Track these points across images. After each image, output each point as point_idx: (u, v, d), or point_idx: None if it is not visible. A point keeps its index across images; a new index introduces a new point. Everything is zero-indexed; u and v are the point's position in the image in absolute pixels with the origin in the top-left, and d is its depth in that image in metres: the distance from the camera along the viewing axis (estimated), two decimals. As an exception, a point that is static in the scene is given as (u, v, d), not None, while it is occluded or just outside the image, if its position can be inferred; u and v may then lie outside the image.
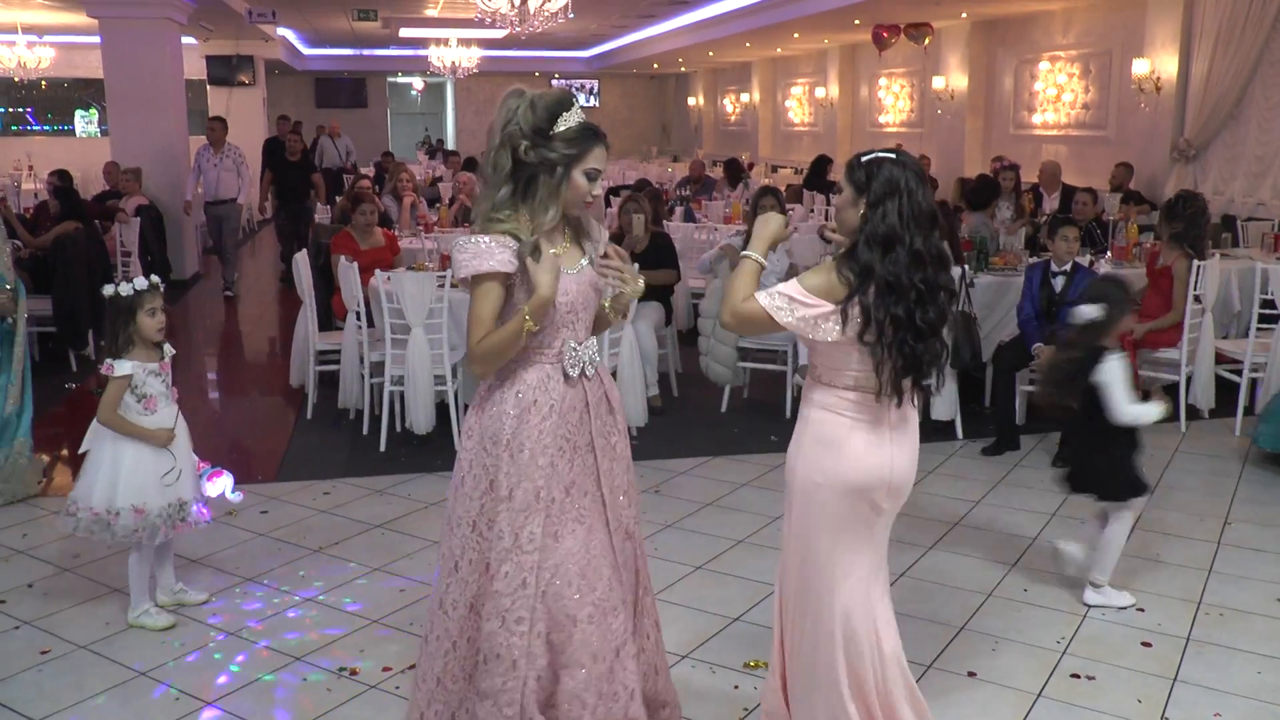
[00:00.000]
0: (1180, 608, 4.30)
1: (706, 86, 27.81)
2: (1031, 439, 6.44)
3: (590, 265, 3.02)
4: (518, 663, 2.87)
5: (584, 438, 3.00)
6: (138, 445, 4.02)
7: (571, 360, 2.96)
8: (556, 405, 2.93)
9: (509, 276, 2.86)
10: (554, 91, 2.94)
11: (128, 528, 3.98)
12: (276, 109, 24.63)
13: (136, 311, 3.99)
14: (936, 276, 2.81)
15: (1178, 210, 6.72)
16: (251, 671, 3.80)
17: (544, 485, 2.91)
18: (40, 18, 15.93)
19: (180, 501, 4.08)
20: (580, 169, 2.88)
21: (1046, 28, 14.08)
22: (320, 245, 7.97)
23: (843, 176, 2.89)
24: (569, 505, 2.96)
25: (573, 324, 2.96)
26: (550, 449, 2.93)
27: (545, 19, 12.49)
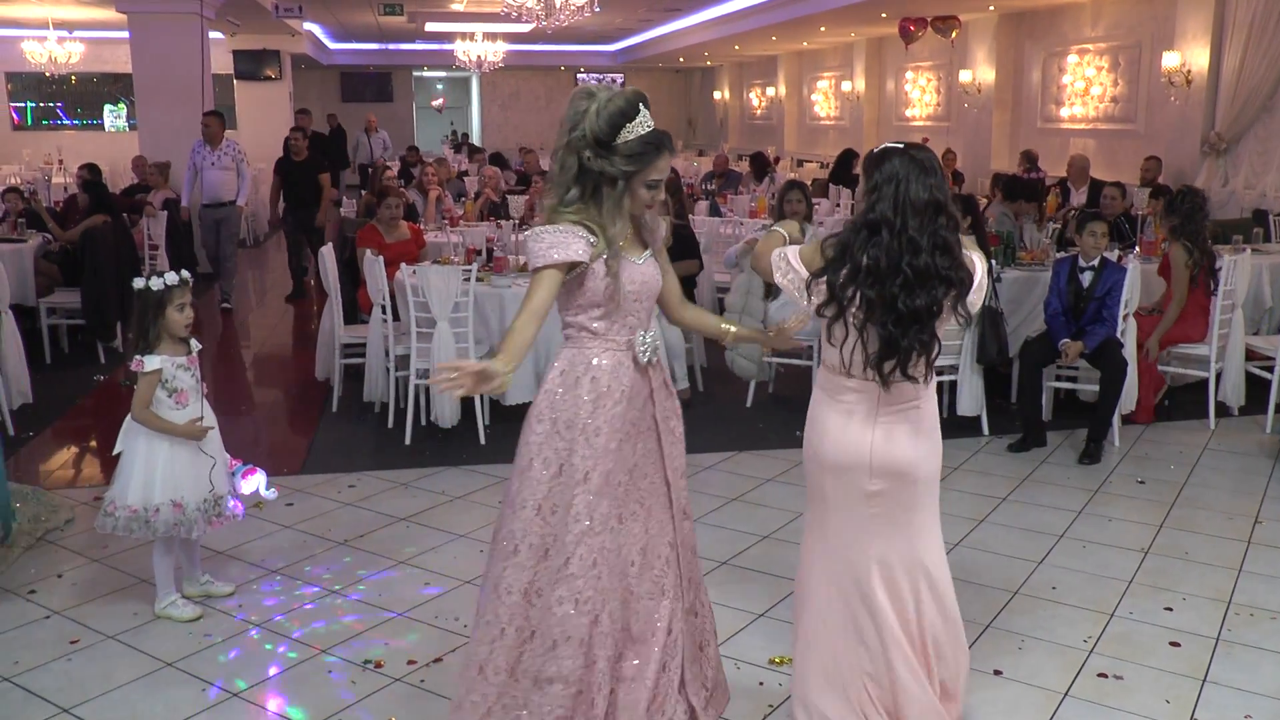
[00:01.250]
0: (1210, 607, 4.26)
1: (732, 80, 27.74)
2: (1058, 435, 6.39)
3: (653, 256, 3.09)
4: (591, 645, 2.95)
5: (647, 422, 3.08)
6: (172, 440, 4.04)
7: (642, 348, 3.04)
8: (627, 391, 3.01)
9: (574, 265, 2.91)
10: (619, 99, 2.92)
11: (167, 523, 4.01)
12: (303, 103, 24.75)
13: (166, 306, 4.01)
14: (933, 264, 2.82)
15: (1176, 205, 6.72)
16: (278, 663, 3.83)
17: (613, 469, 2.99)
18: (70, 13, 16.07)
19: (215, 496, 4.11)
20: (641, 181, 2.93)
21: (1075, 20, 13.96)
22: (346, 239, 8.01)
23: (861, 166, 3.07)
24: (631, 488, 3.05)
25: (638, 312, 3.04)
26: (619, 433, 3.00)
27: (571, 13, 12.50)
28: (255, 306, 11.53)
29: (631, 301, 3.02)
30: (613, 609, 2.99)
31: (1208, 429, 6.58)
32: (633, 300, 3.02)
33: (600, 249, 2.92)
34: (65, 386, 7.66)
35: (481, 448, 6.22)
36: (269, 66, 20.25)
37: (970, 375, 6.38)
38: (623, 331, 3.03)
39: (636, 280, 3.01)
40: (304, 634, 4.04)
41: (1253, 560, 4.70)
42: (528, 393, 6.40)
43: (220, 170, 10.65)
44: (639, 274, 3.02)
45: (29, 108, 22.45)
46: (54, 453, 6.39)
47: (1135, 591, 4.40)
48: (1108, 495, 5.52)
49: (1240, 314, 6.77)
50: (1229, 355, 6.73)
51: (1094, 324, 6.06)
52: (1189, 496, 5.48)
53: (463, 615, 4.17)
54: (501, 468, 5.89)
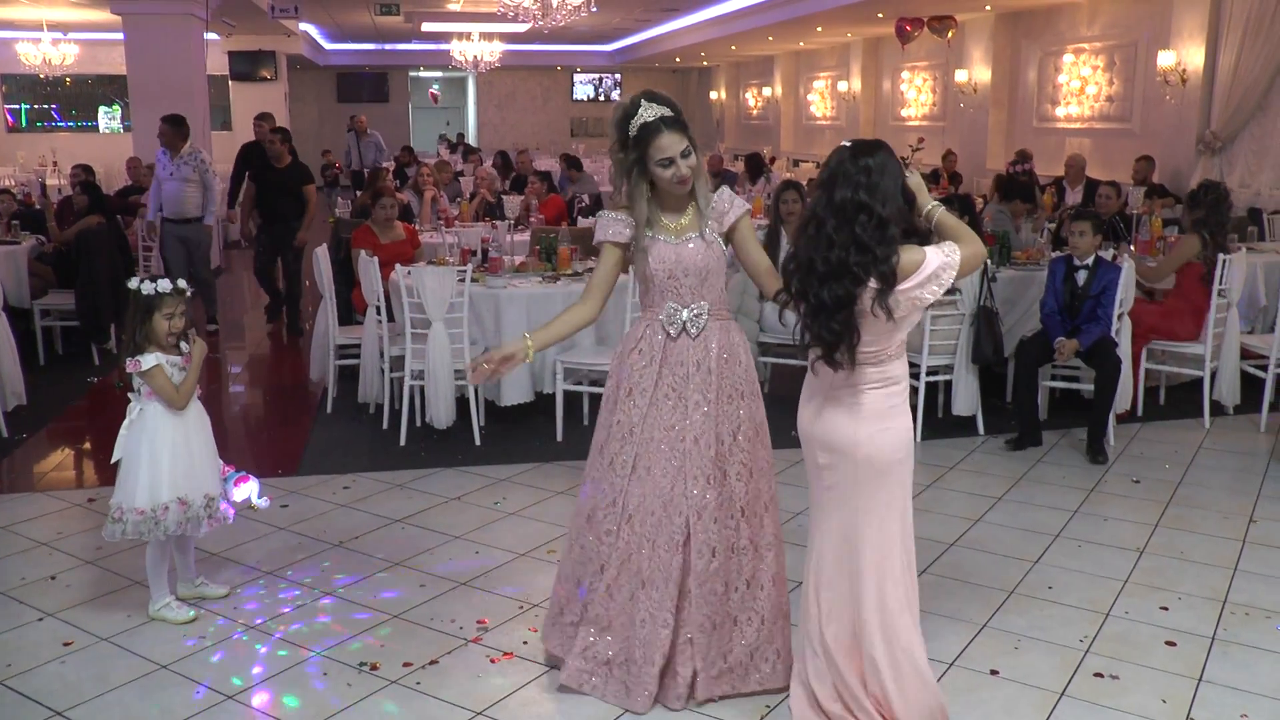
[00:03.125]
0: (1206, 607, 4.26)
1: (729, 80, 27.75)
2: (1054, 435, 6.39)
3: (703, 239, 3.46)
4: (605, 568, 3.49)
5: (687, 389, 3.46)
6: (174, 438, 4.03)
7: (669, 319, 3.47)
8: (658, 356, 3.47)
9: (625, 246, 3.51)
10: (624, 102, 3.45)
11: (177, 520, 4.01)
12: (299, 104, 24.82)
13: (153, 312, 4.00)
14: (845, 260, 2.96)
15: (1200, 197, 6.77)
16: (271, 665, 3.81)
17: (639, 423, 3.46)
18: (65, 15, 16.06)
19: (208, 496, 4.11)
20: (653, 163, 3.36)
21: (1071, 19, 13.97)
22: (341, 239, 7.99)
23: None
24: (664, 445, 3.44)
25: (675, 290, 3.45)
26: (649, 391, 3.47)
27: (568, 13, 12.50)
28: (250, 308, 11.51)
29: (664, 279, 3.45)
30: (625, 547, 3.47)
31: (1203, 428, 6.59)
32: (665, 278, 3.44)
33: (640, 228, 3.45)
34: (59, 388, 7.64)
35: (477, 449, 6.21)
36: (264, 67, 20.26)
37: (965, 375, 6.38)
38: (661, 305, 3.48)
39: (668, 260, 3.44)
40: (298, 636, 4.03)
41: (1248, 559, 4.70)
42: (524, 393, 6.41)
43: (179, 182, 9.39)
44: (671, 254, 3.44)
45: (23, 109, 22.44)
46: (48, 455, 6.37)
47: (1131, 591, 4.40)
48: (1103, 494, 5.52)
49: (1235, 313, 6.78)
50: (1224, 354, 6.73)
51: (1089, 323, 6.06)
52: (1184, 496, 5.48)
53: (459, 617, 4.16)
54: (497, 468, 5.88)
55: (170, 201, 9.40)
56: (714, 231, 3.48)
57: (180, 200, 9.39)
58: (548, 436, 6.37)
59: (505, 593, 4.38)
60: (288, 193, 9.53)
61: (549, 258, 6.98)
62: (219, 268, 13.14)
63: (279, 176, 9.55)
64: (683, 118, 3.42)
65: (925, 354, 6.28)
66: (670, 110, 3.39)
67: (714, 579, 3.46)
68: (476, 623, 4.11)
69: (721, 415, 3.47)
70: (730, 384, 3.49)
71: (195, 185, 9.43)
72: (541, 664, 3.80)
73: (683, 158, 3.36)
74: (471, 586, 4.44)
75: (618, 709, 3.50)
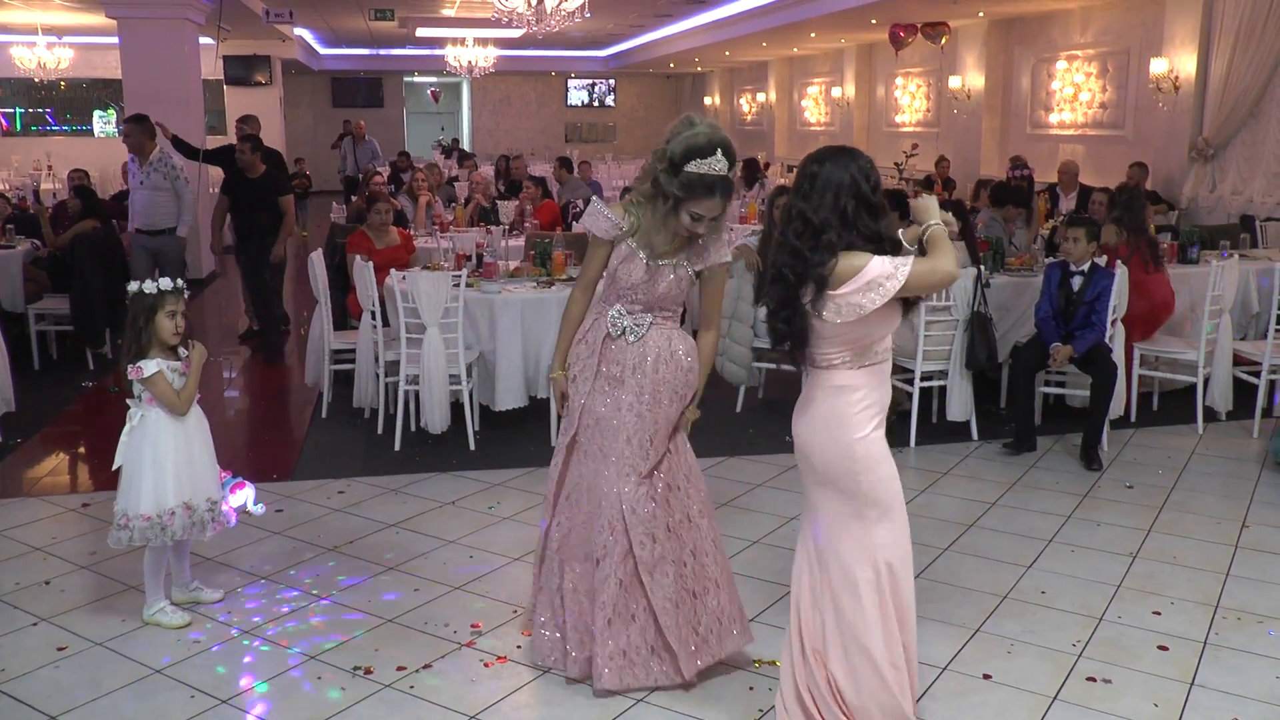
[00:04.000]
0: (1198, 611, 4.27)
1: (723, 86, 27.79)
2: (1047, 440, 6.41)
3: (676, 270, 3.55)
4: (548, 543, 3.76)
5: (624, 392, 3.59)
6: (177, 444, 4.03)
7: (612, 322, 3.61)
8: (597, 350, 3.62)
9: (607, 243, 3.59)
10: (704, 134, 3.40)
11: (184, 525, 4.02)
12: (294, 109, 24.81)
13: (157, 311, 4.01)
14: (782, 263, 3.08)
15: (1116, 199, 7.28)
16: (266, 670, 3.82)
17: (576, 409, 3.66)
18: (59, 19, 16.03)
19: (211, 500, 4.12)
20: (687, 209, 3.42)
21: (1064, 26, 14.02)
22: (335, 244, 8.00)
23: None
24: (596, 433, 3.62)
25: (630, 298, 3.57)
26: (590, 380, 3.64)
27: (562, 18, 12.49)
28: (243, 312, 11.49)
29: (625, 288, 3.56)
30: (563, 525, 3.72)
31: (1196, 434, 6.61)
32: (626, 287, 3.56)
33: (624, 236, 3.54)
34: (54, 393, 7.63)
35: (471, 453, 6.22)
36: (259, 72, 20.24)
37: (959, 381, 6.39)
38: (613, 303, 3.60)
39: (636, 276, 3.53)
40: (292, 640, 4.03)
41: (1240, 564, 4.72)
42: (518, 398, 6.41)
43: (149, 190, 8.79)
44: (642, 272, 3.53)
45: (18, 113, 22.39)
46: (42, 460, 6.35)
47: (1124, 596, 4.41)
48: (1097, 500, 5.54)
49: (1228, 319, 6.81)
50: (1216, 360, 6.76)
51: (1083, 329, 6.08)
52: (1177, 501, 5.50)
53: (452, 620, 4.16)
54: (491, 473, 5.89)
55: (140, 211, 8.81)
56: (691, 267, 3.59)
57: (151, 209, 8.78)
58: (542, 441, 6.37)
59: (499, 597, 4.38)
60: (262, 205, 8.77)
61: (544, 263, 6.99)
62: (214, 272, 13.13)
63: (252, 188, 8.78)
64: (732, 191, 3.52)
65: (919, 359, 6.30)
66: (731, 167, 3.44)
67: (663, 562, 3.58)
68: (470, 627, 4.12)
69: (657, 416, 3.59)
70: (669, 387, 3.61)
71: (166, 193, 8.80)
72: (535, 668, 3.80)
73: (710, 221, 3.48)
74: (465, 591, 4.45)
75: (612, 712, 3.51)
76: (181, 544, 4.22)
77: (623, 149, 28.82)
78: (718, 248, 3.62)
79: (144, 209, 8.80)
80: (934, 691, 3.65)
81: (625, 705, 3.56)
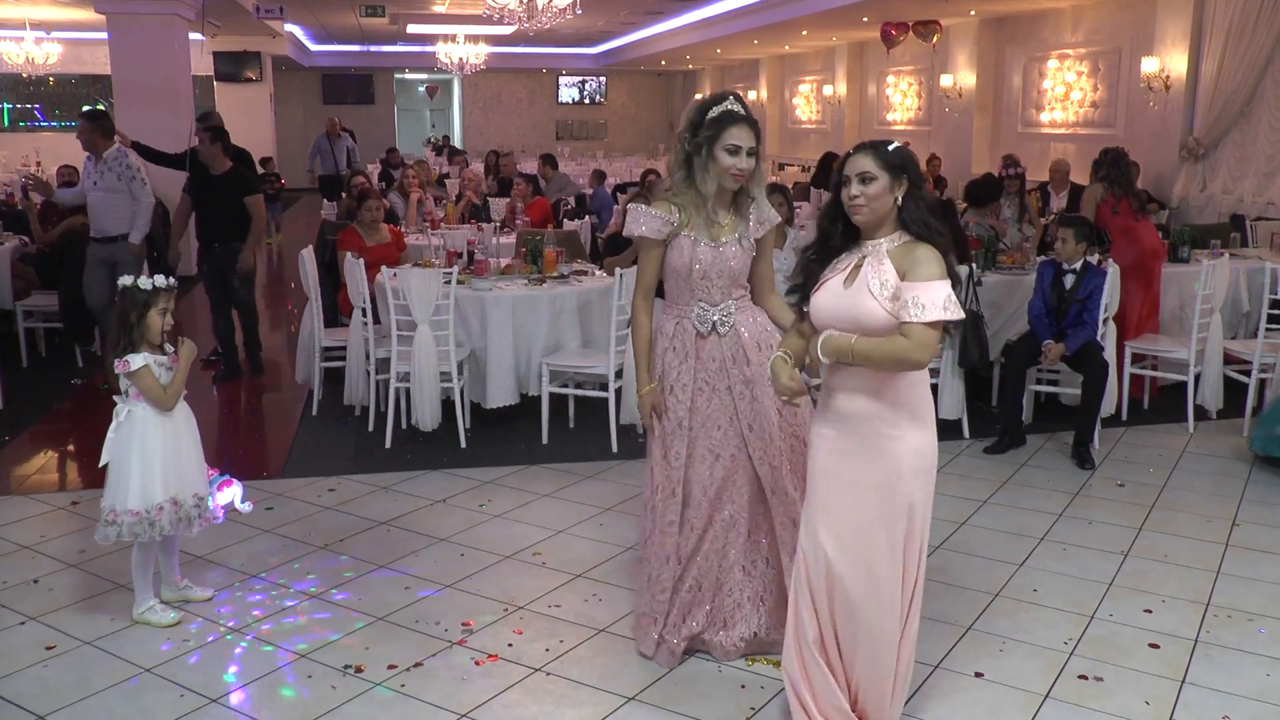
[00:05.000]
0: (1189, 609, 4.28)
1: (714, 83, 27.76)
2: (1039, 438, 6.42)
3: (740, 242, 3.59)
4: (670, 559, 3.70)
5: (724, 383, 3.64)
6: (164, 439, 4.01)
7: (699, 319, 3.64)
8: (692, 352, 3.65)
9: (662, 243, 3.61)
10: (708, 95, 3.61)
11: (171, 520, 4.00)
12: (284, 106, 24.74)
13: (150, 308, 4.00)
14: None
15: (1099, 163, 7.34)
16: (256, 668, 3.80)
17: (685, 416, 3.65)
18: (48, 14, 15.97)
19: (198, 496, 4.10)
20: (721, 146, 3.47)
21: (1055, 25, 14.04)
22: (326, 242, 7.97)
23: (872, 166, 3.04)
24: (702, 436, 3.66)
25: (706, 289, 3.61)
26: (689, 387, 3.65)
27: (553, 15, 12.49)
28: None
29: (699, 279, 3.59)
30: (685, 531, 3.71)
31: (1187, 432, 6.62)
32: (699, 278, 3.58)
33: (678, 229, 3.56)
34: (42, 390, 7.59)
35: (462, 451, 6.20)
36: (250, 68, 20.19)
37: (951, 379, 6.39)
38: (690, 303, 3.63)
39: (705, 260, 3.57)
40: (282, 638, 4.01)
41: (1230, 562, 4.73)
42: (509, 396, 6.40)
43: (103, 193, 7.72)
44: (709, 255, 3.57)
45: (6, 109, 22.31)
46: (30, 457, 6.32)
47: (1115, 594, 4.42)
48: (1088, 498, 5.55)
49: (1219, 318, 6.82)
50: (1207, 359, 6.77)
51: (1075, 327, 6.09)
52: (1168, 499, 5.51)
53: (443, 619, 4.15)
54: (482, 470, 5.87)
55: (94, 215, 7.82)
56: (751, 236, 3.66)
57: (104, 213, 7.76)
58: (533, 439, 6.36)
59: (490, 595, 4.37)
60: (227, 207, 7.67)
61: (534, 260, 6.98)
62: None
63: (215, 187, 7.67)
64: (758, 126, 3.57)
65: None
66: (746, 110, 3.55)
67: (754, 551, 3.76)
68: (461, 625, 4.11)
69: (767, 396, 3.59)
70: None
71: (121, 196, 7.74)
72: (526, 666, 3.79)
73: (748, 155, 3.50)
74: (456, 589, 4.43)
75: (603, 710, 3.51)
76: (170, 541, 4.20)
77: (614, 146, 28.81)
78: (765, 210, 3.66)
79: (97, 212, 7.81)
80: (926, 690, 3.65)
81: (617, 703, 3.55)
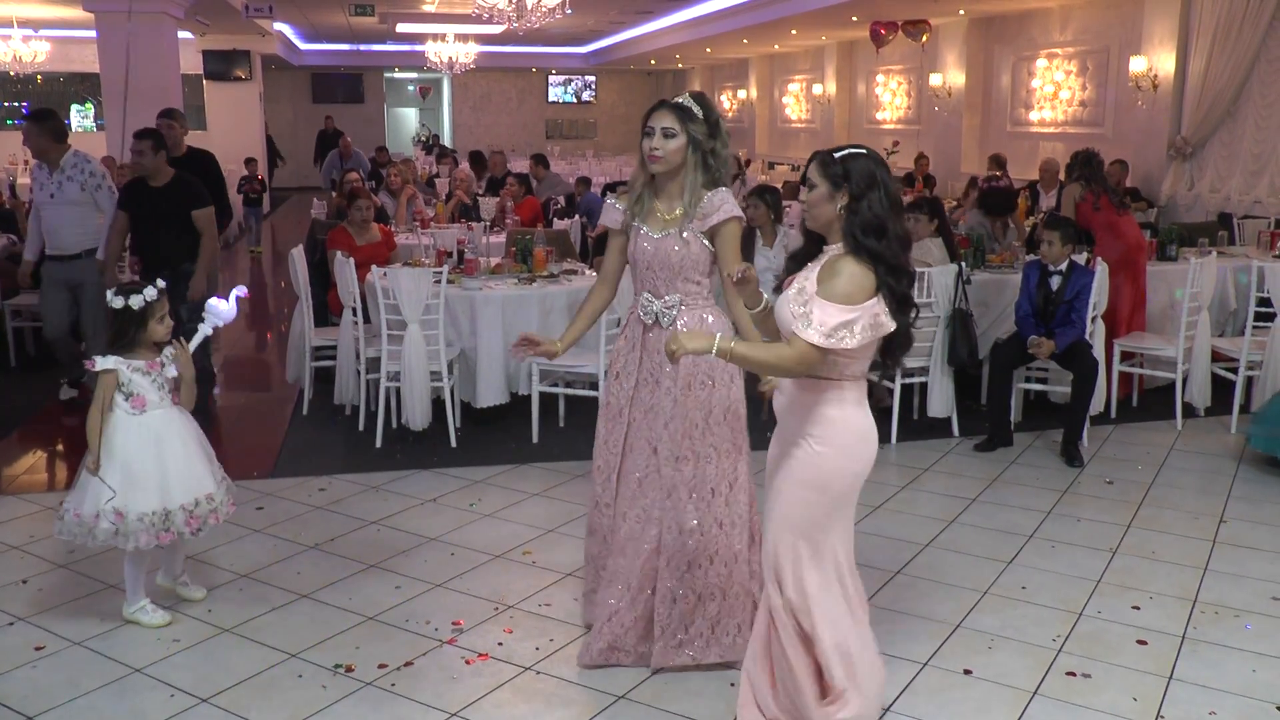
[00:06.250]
0: (1176, 606, 4.30)
1: (704, 83, 27.79)
2: (1028, 436, 6.44)
3: (682, 235, 3.60)
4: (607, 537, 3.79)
5: (663, 377, 3.64)
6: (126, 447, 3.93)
7: (644, 310, 3.70)
8: (638, 342, 3.71)
9: (622, 232, 3.74)
10: None
11: (108, 532, 3.89)
12: (274, 104, 24.66)
13: (148, 321, 3.99)
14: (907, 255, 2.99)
15: (1073, 166, 7.43)
16: (246, 668, 3.79)
17: (625, 406, 3.72)
18: (36, 12, 15.91)
19: (165, 510, 3.94)
20: (643, 131, 3.57)
21: (1044, 25, 14.08)
22: (316, 241, 7.96)
23: (814, 173, 2.96)
24: (644, 427, 3.69)
25: (651, 281, 3.65)
26: (634, 376, 3.71)
27: (542, 14, 12.49)
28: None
29: (643, 269, 3.65)
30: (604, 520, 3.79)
31: (1175, 430, 6.65)
32: (644, 268, 3.64)
33: (630, 219, 3.68)
34: (30, 391, 7.56)
35: (452, 450, 6.20)
36: (239, 67, 20.10)
37: (940, 377, 6.41)
38: (640, 291, 3.69)
39: (646, 252, 3.63)
40: (273, 638, 4.01)
41: (1218, 559, 4.76)
42: (499, 395, 6.41)
43: (62, 206, 6.71)
44: (650, 247, 3.62)
45: (-7, 108, 22.21)
46: (19, 458, 6.31)
47: (1103, 591, 4.44)
48: (1077, 495, 5.57)
49: (1206, 316, 6.85)
50: (1195, 357, 6.81)
51: (1063, 326, 6.11)
52: (1156, 496, 5.54)
53: (434, 618, 4.15)
54: (472, 470, 5.88)
55: (50, 230, 6.80)
56: (695, 230, 3.59)
57: (63, 228, 6.74)
58: (523, 438, 6.37)
59: (480, 594, 4.37)
60: (173, 224, 6.43)
61: (525, 259, 6.98)
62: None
63: (155, 200, 6.43)
64: (695, 111, 3.56)
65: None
66: (691, 103, 3.58)
67: (679, 555, 3.63)
68: (451, 624, 4.11)
69: (691, 400, 3.59)
70: (703, 370, 3.60)
71: (84, 208, 6.76)
72: (516, 664, 3.80)
73: (663, 136, 3.52)
74: (447, 588, 4.44)
75: (593, 709, 3.51)
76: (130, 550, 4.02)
77: (603, 145, 28.79)
78: (714, 204, 3.57)
79: (53, 227, 6.76)
80: (914, 687, 3.67)
81: (606, 701, 3.56)
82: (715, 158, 3.61)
